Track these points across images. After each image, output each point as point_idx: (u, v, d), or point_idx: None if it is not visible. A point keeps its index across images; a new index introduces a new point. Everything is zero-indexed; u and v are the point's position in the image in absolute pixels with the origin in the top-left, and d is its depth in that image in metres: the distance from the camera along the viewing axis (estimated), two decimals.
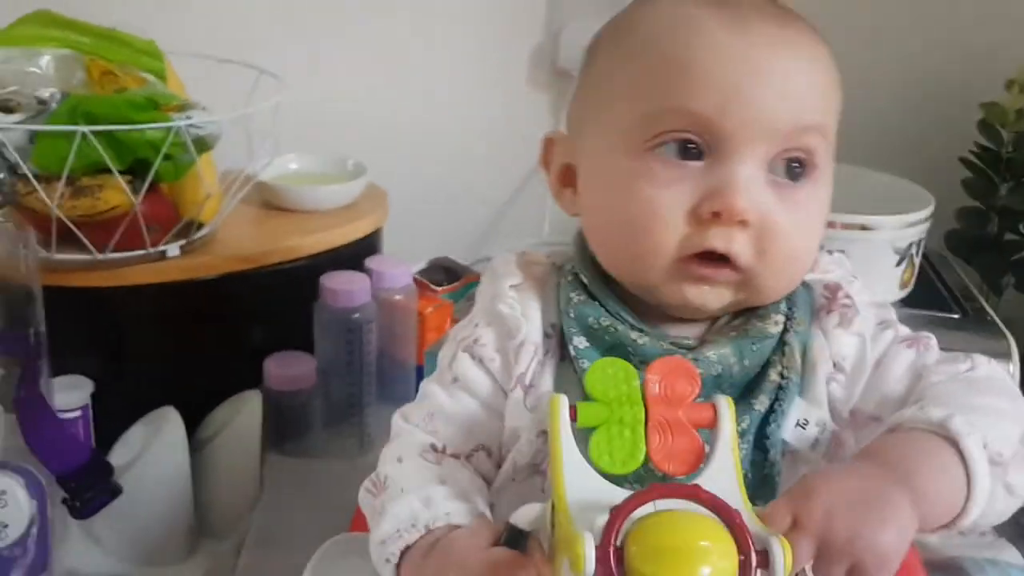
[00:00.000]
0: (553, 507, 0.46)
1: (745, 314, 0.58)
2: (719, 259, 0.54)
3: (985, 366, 0.59)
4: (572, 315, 0.59)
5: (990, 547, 0.88)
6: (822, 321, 0.59)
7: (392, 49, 1.33)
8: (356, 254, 1.09)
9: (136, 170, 0.88)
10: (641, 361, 0.56)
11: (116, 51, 0.93)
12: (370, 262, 1.08)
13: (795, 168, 0.55)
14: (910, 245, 1.03)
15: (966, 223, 1.26)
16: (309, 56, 1.28)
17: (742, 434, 0.55)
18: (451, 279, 1.27)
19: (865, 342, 0.58)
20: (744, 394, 0.57)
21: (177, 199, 0.97)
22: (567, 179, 0.62)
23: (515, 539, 0.47)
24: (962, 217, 1.26)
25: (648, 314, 0.58)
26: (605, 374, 0.49)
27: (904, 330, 0.61)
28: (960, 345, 1.01)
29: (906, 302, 1.08)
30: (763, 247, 0.54)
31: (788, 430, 0.56)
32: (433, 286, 1.23)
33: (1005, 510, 0.52)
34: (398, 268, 1.08)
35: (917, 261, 1.07)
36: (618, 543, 0.40)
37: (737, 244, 0.53)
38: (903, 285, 1.06)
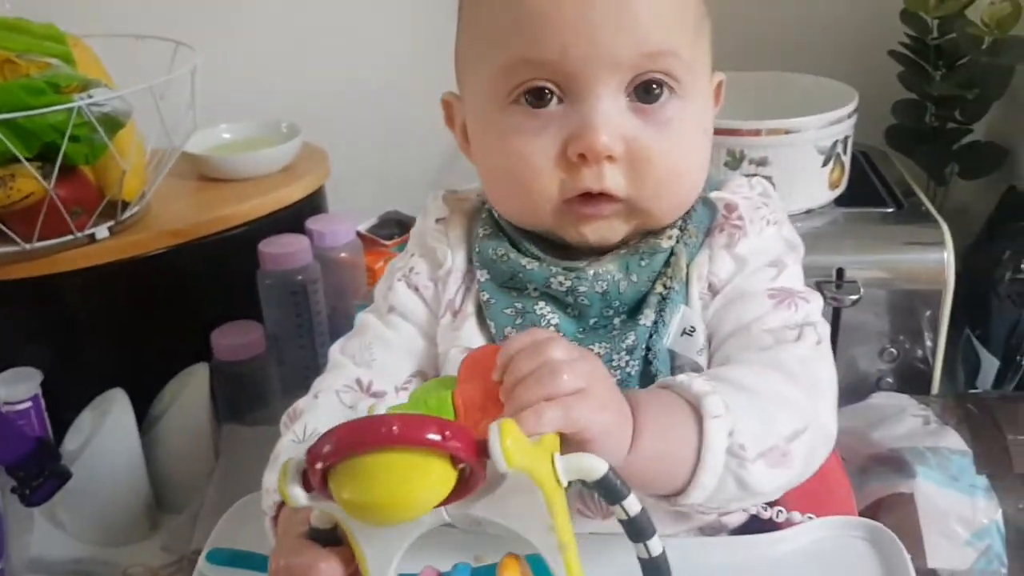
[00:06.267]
0: None
1: (644, 235, 0.58)
2: (599, 195, 0.55)
3: (810, 347, 0.54)
4: (477, 249, 0.61)
5: (931, 435, 0.88)
6: (713, 238, 0.59)
7: (315, 6, 1.31)
8: (299, 216, 1.09)
9: (47, 155, 0.88)
10: (535, 288, 0.58)
11: (15, 40, 0.91)
12: (310, 222, 1.08)
13: (655, 89, 0.55)
14: (835, 144, 1.02)
15: (903, 116, 1.23)
16: (229, 25, 1.27)
17: (630, 351, 0.55)
18: (403, 232, 1.26)
19: (743, 269, 0.57)
20: (633, 312, 0.57)
21: (100, 180, 0.96)
22: (467, 135, 0.62)
23: (316, 538, 0.44)
24: (898, 110, 1.24)
25: (553, 246, 0.59)
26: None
27: (791, 281, 0.58)
28: (896, 237, 1.02)
29: (839, 202, 1.08)
30: (637, 173, 0.54)
31: (673, 339, 0.56)
32: (384, 240, 1.23)
33: (735, 501, 0.50)
34: (340, 225, 1.08)
35: (846, 160, 1.06)
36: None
37: (609, 179, 0.54)
38: (832, 185, 1.05)
